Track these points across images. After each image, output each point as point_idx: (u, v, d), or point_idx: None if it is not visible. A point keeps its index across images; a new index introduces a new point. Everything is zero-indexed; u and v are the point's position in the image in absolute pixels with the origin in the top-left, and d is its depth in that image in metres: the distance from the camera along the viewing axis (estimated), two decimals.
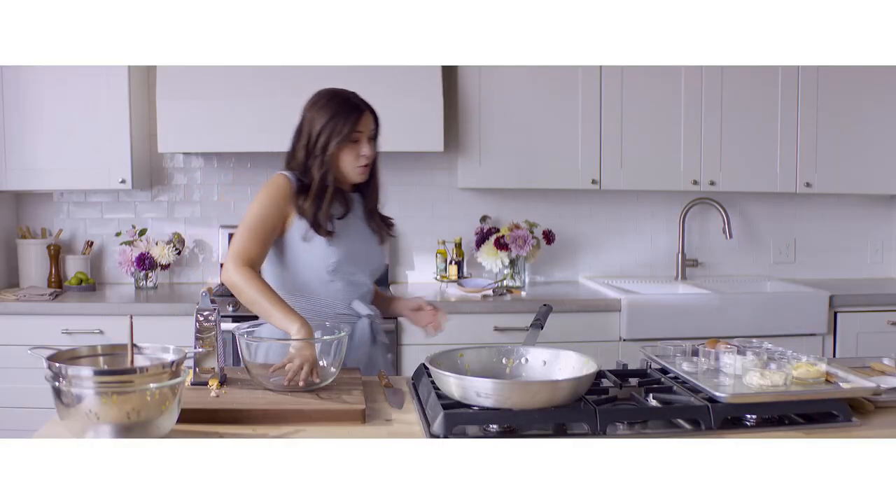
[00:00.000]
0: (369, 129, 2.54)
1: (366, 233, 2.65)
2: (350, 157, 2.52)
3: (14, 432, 3.61)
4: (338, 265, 2.54)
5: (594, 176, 4.14)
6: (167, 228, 4.37)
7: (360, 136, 2.51)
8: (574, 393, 1.92)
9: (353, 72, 3.76)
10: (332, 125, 2.49)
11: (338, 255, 2.53)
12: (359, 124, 2.51)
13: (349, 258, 2.55)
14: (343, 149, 2.51)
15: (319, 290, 2.56)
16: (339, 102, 2.52)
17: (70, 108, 3.92)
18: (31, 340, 3.53)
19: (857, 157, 4.32)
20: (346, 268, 2.56)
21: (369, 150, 2.53)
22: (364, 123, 2.52)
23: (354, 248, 2.57)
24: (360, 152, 2.52)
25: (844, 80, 4.27)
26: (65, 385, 1.70)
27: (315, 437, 1.88)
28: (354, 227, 2.60)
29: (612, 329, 3.85)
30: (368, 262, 2.64)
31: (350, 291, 2.59)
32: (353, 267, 2.58)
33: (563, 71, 4.08)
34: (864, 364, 2.48)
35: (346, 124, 2.49)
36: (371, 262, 2.65)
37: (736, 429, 1.95)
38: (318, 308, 2.56)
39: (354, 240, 2.58)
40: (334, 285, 2.56)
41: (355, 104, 2.53)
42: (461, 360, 2.16)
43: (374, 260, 2.67)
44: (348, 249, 2.55)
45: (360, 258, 2.60)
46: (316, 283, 2.56)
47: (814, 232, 4.74)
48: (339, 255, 2.53)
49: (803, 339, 3.93)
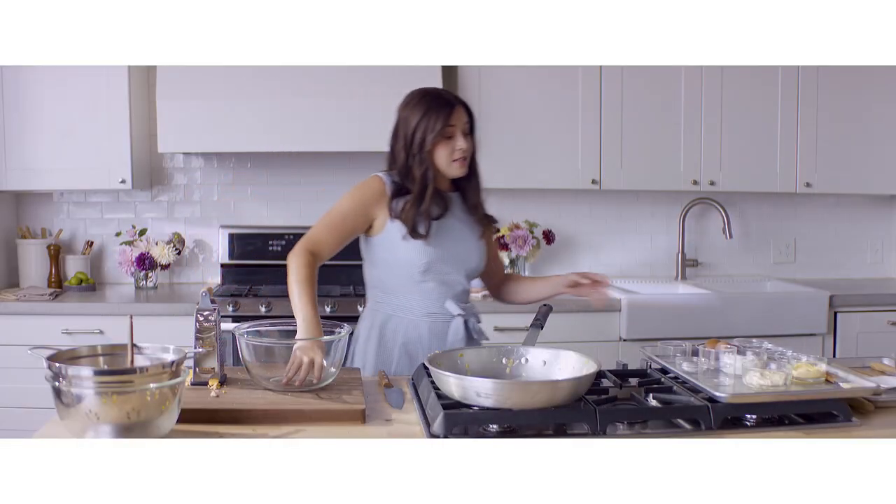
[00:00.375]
0: (462, 122, 2.54)
1: (463, 232, 2.63)
2: (445, 152, 2.53)
3: (14, 432, 3.61)
4: (429, 266, 2.55)
5: (594, 176, 4.14)
6: (167, 228, 4.37)
7: (453, 130, 2.52)
8: (574, 393, 1.92)
9: (353, 72, 3.77)
10: (426, 122, 2.50)
11: (429, 256, 2.55)
12: (451, 118, 2.51)
13: (443, 258, 2.57)
14: (438, 145, 2.52)
15: (412, 289, 2.59)
16: (431, 99, 2.53)
17: (70, 108, 3.92)
18: (31, 340, 3.53)
19: (857, 157, 4.32)
20: (439, 268, 2.57)
21: (464, 144, 2.53)
22: (457, 117, 2.52)
23: (448, 248, 2.58)
24: (455, 146, 2.53)
25: (844, 80, 4.27)
26: (65, 385, 1.70)
27: (315, 437, 1.88)
28: (450, 226, 2.60)
29: (612, 329, 3.85)
30: (463, 261, 2.62)
31: (443, 291, 2.60)
32: (448, 267, 2.59)
33: (563, 71, 4.08)
34: (864, 364, 2.48)
35: (438, 119, 2.50)
36: (467, 261, 2.63)
37: (736, 429, 1.95)
38: (411, 307, 2.60)
39: (449, 240, 2.58)
40: (426, 285, 2.58)
41: (446, 99, 2.54)
42: (461, 360, 2.16)
43: (470, 259, 2.64)
44: (442, 250, 2.56)
45: (455, 258, 2.60)
46: (408, 283, 2.59)
47: (814, 232, 4.74)
48: (431, 255, 2.55)
49: (803, 339, 3.93)
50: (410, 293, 2.59)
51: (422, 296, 2.59)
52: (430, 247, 2.54)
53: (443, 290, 2.60)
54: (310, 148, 3.93)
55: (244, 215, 4.41)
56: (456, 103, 2.54)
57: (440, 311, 2.59)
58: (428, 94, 2.56)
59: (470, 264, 2.65)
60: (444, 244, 2.57)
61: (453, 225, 2.61)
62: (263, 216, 4.42)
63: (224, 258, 4.28)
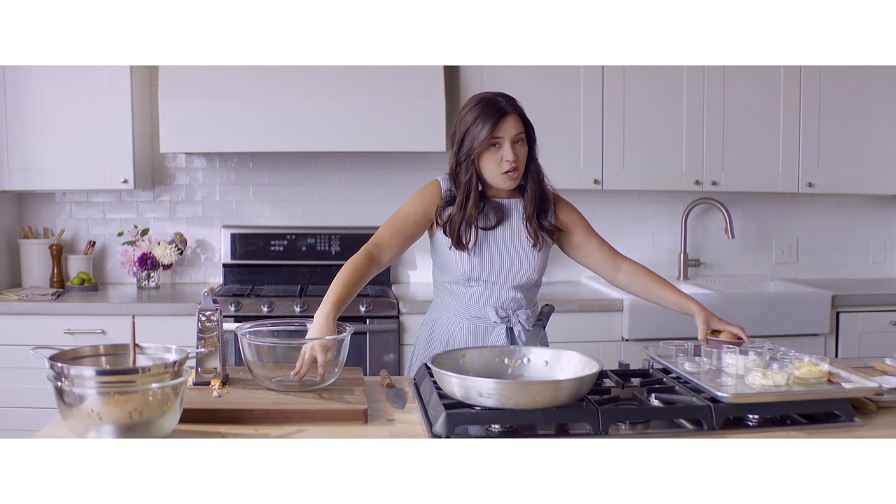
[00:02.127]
0: (512, 133, 2.48)
1: (516, 241, 2.60)
2: (492, 162, 2.50)
3: (16, 432, 3.62)
4: (471, 275, 2.57)
5: (596, 176, 4.14)
6: (169, 228, 4.37)
7: (500, 140, 2.48)
8: (576, 393, 1.92)
9: (355, 72, 3.78)
10: (475, 129, 2.48)
11: (472, 266, 2.56)
12: (498, 129, 2.46)
13: (487, 269, 2.57)
14: (485, 154, 2.50)
15: (459, 291, 2.62)
16: (483, 107, 2.49)
17: (72, 108, 3.92)
18: (33, 340, 3.54)
19: (859, 157, 4.32)
20: (484, 276, 2.57)
21: (511, 155, 2.47)
22: (505, 128, 2.47)
23: (494, 259, 2.57)
24: (502, 157, 2.49)
25: (847, 80, 4.27)
26: (67, 385, 1.70)
27: (317, 437, 1.88)
28: (501, 236, 2.58)
29: (614, 329, 3.85)
30: (510, 272, 2.58)
31: (488, 297, 2.60)
32: (494, 276, 2.58)
33: (565, 71, 4.08)
34: (867, 364, 2.48)
35: (485, 128, 2.45)
36: (514, 273, 2.59)
37: (738, 429, 1.95)
38: (456, 307, 2.63)
39: (497, 250, 2.57)
40: (472, 290, 2.60)
41: (498, 107, 2.48)
42: (463, 360, 2.16)
43: (519, 271, 2.59)
44: (486, 261, 2.56)
45: (500, 269, 2.58)
46: (455, 286, 2.62)
47: (816, 232, 4.74)
48: (474, 266, 2.56)
49: (805, 339, 3.93)
50: (457, 295, 2.62)
51: (467, 299, 2.61)
52: (475, 257, 2.55)
53: (487, 296, 2.60)
54: (312, 148, 3.93)
55: (246, 215, 4.41)
56: (509, 111, 2.48)
57: (482, 316, 2.60)
58: (482, 101, 2.51)
59: (519, 277, 2.60)
60: (491, 255, 2.57)
61: (505, 235, 2.59)
62: (265, 216, 4.42)
63: (226, 258, 4.28)
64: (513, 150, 2.48)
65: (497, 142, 2.48)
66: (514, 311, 2.61)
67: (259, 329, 2.32)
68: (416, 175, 4.36)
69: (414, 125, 3.86)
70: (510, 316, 2.60)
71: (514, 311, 2.61)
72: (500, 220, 2.58)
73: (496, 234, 2.58)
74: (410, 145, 3.90)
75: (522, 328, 2.60)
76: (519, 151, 2.50)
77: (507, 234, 2.59)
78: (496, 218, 2.58)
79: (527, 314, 2.62)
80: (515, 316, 2.60)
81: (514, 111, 2.50)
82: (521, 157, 2.52)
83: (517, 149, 2.50)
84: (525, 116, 2.54)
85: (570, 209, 2.73)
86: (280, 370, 2.18)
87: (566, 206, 2.73)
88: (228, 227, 4.30)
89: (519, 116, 2.51)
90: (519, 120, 2.51)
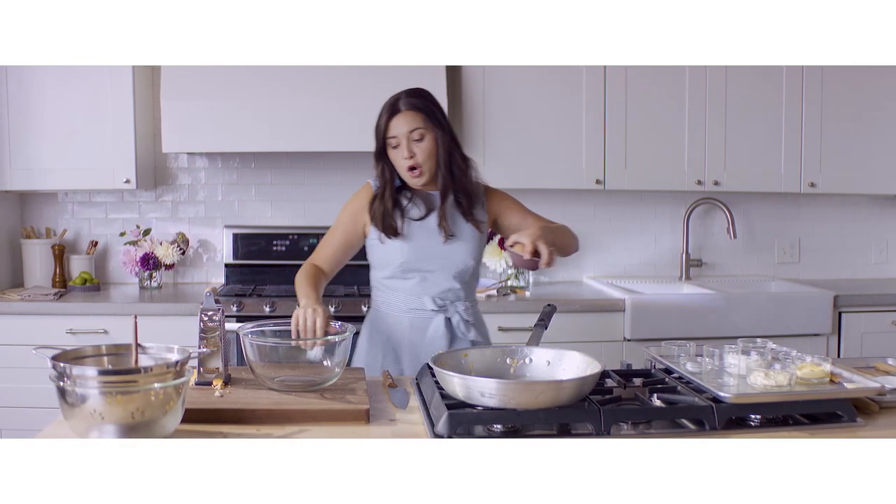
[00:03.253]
0: (404, 130, 2.50)
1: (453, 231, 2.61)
2: (397, 160, 2.55)
3: (18, 432, 3.62)
4: (406, 265, 2.59)
5: (598, 176, 4.14)
6: (171, 228, 4.37)
7: (395, 140, 2.51)
8: (578, 393, 1.92)
9: (357, 72, 3.77)
10: (376, 129, 2.55)
11: (407, 255, 2.58)
12: (389, 128, 2.51)
13: (423, 256, 2.59)
14: (390, 152, 2.55)
15: (395, 286, 2.63)
16: (384, 105, 2.54)
17: (74, 108, 3.92)
18: (35, 340, 3.53)
19: (861, 157, 4.32)
20: (420, 266, 2.59)
21: (407, 152, 2.50)
22: (397, 125, 2.50)
23: (430, 246, 2.59)
24: (401, 155, 2.52)
25: (849, 80, 4.27)
26: (69, 385, 1.70)
27: (319, 437, 1.88)
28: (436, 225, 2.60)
29: (617, 329, 3.85)
30: (447, 259, 2.61)
31: (425, 288, 2.61)
32: (430, 264, 2.60)
33: (567, 71, 4.08)
34: (869, 364, 2.48)
35: (379, 127, 2.53)
36: (451, 260, 2.61)
37: (740, 429, 1.95)
38: (394, 303, 2.65)
39: (431, 239, 2.59)
40: (408, 283, 2.62)
41: (390, 106, 2.52)
42: (465, 360, 2.16)
43: (454, 260, 2.61)
44: (422, 248, 2.58)
45: (436, 256, 2.60)
46: (391, 281, 2.63)
47: (818, 232, 4.74)
48: (408, 253, 2.58)
49: (808, 339, 3.93)
50: (395, 289, 2.64)
51: (405, 292, 2.62)
52: (409, 247, 2.57)
53: (425, 287, 2.61)
54: (314, 148, 3.93)
55: (248, 215, 4.41)
56: (402, 109, 2.50)
57: (420, 307, 2.62)
58: (388, 99, 2.55)
59: (455, 265, 2.62)
60: (424, 244, 2.59)
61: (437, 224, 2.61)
62: (267, 216, 4.42)
63: (228, 258, 4.28)
64: (410, 147, 2.50)
65: (394, 141, 2.51)
66: (453, 302, 2.63)
67: (261, 329, 2.32)
68: None
69: None
70: (447, 306, 2.62)
71: (452, 301, 2.63)
72: (430, 209, 2.60)
73: (428, 223, 2.60)
74: None
75: (461, 318, 2.62)
76: (418, 148, 2.51)
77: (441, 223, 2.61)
78: (426, 208, 2.60)
79: (465, 305, 2.65)
80: (454, 306, 2.62)
81: (408, 108, 2.50)
82: (423, 152, 2.52)
83: (415, 145, 2.51)
84: (424, 110, 2.52)
85: (501, 196, 2.75)
86: (282, 370, 2.18)
87: (496, 195, 2.74)
88: (230, 227, 4.30)
89: (416, 111, 2.50)
90: (416, 115, 2.50)
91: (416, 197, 2.62)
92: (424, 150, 2.52)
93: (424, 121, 2.52)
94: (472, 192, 2.65)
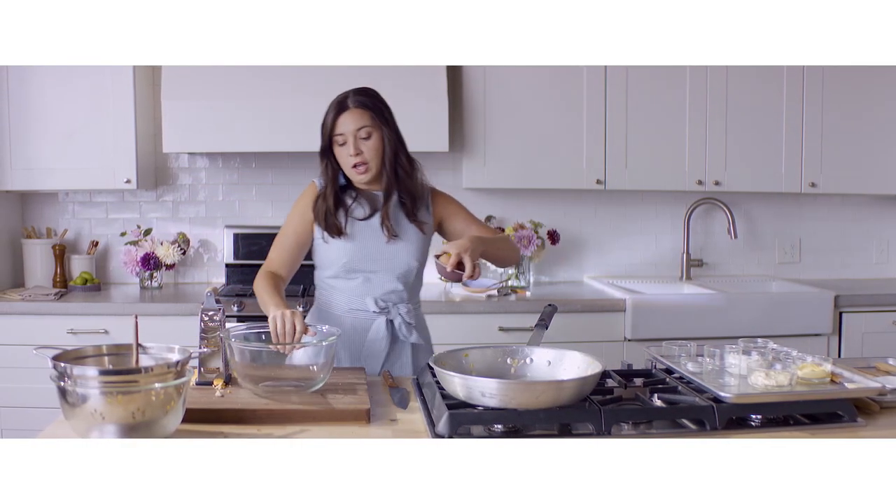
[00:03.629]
0: (352, 128, 2.49)
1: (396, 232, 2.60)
2: (342, 158, 2.54)
3: (19, 432, 3.63)
4: (351, 263, 2.57)
5: (599, 176, 4.14)
6: (172, 228, 4.37)
7: (341, 137, 2.50)
8: (579, 393, 1.92)
9: (358, 72, 3.76)
10: (322, 126, 2.54)
11: (350, 254, 2.57)
12: (336, 126, 2.50)
13: (366, 256, 2.57)
14: (335, 149, 2.54)
15: (342, 285, 2.62)
16: (332, 103, 2.54)
17: (75, 108, 3.92)
18: (36, 340, 3.54)
19: (862, 157, 4.32)
20: (363, 266, 2.58)
21: (353, 150, 2.49)
22: (344, 123, 2.49)
23: (373, 246, 2.58)
24: (347, 152, 2.51)
25: (849, 79, 4.27)
26: (70, 385, 1.70)
27: (320, 437, 1.88)
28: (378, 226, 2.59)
29: (617, 329, 3.85)
30: (390, 260, 2.60)
31: (368, 289, 2.60)
32: (373, 265, 2.59)
33: (568, 71, 4.08)
34: (870, 364, 2.48)
35: (325, 124, 2.52)
36: (394, 261, 2.60)
37: (741, 429, 1.95)
38: (337, 303, 2.63)
39: (375, 239, 2.58)
40: (353, 282, 2.60)
41: (338, 104, 2.51)
42: (466, 360, 2.16)
43: (398, 258, 2.60)
44: (365, 248, 2.57)
45: (380, 256, 2.59)
46: (334, 281, 2.62)
47: (819, 232, 4.74)
48: (351, 253, 2.57)
49: (808, 339, 3.93)
50: (338, 289, 2.63)
51: (348, 292, 2.61)
52: (353, 246, 2.57)
53: (368, 288, 2.60)
54: (314, 148, 3.89)
55: (249, 215, 4.41)
56: (349, 106, 2.49)
57: (363, 309, 2.60)
58: (336, 97, 2.54)
59: (398, 266, 2.61)
60: (368, 244, 2.58)
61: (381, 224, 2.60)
62: (268, 216, 4.42)
63: (229, 258, 4.28)
64: (356, 145, 2.50)
65: (341, 138, 2.50)
66: (395, 304, 2.62)
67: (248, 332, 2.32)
68: None
69: (416, 125, 3.83)
70: (390, 308, 2.61)
71: (395, 303, 2.62)
72: (374, 209, 2.59)
73: (372, 223, 2.59)
74: (413, 145, 3.84)
75: (403, 321, 2.61)
76: (364, 146, 2.51)
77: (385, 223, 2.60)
78: (370, 208, 2.59)
79: (408, 308, 2.63)
80: (396, 308, 2.61)
81: (356, 105, 2.49)
82: (370, 150, 2.52)
83: (362, 143, 2.51)
84: (371, 108, 2.51)
85: (447, 201, 2.74)
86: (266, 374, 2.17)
87: (442, 198, 2.73)
88: (231, 227, 4.30)
89: (363, 109, 2.50)
90: (363, 113, 2.50)
91: (361, 196, 2.60)
92: (371, 148, 2.52)
93: (372, 119, 2.51)
94: (417, 193, 2.63)
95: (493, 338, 3.73)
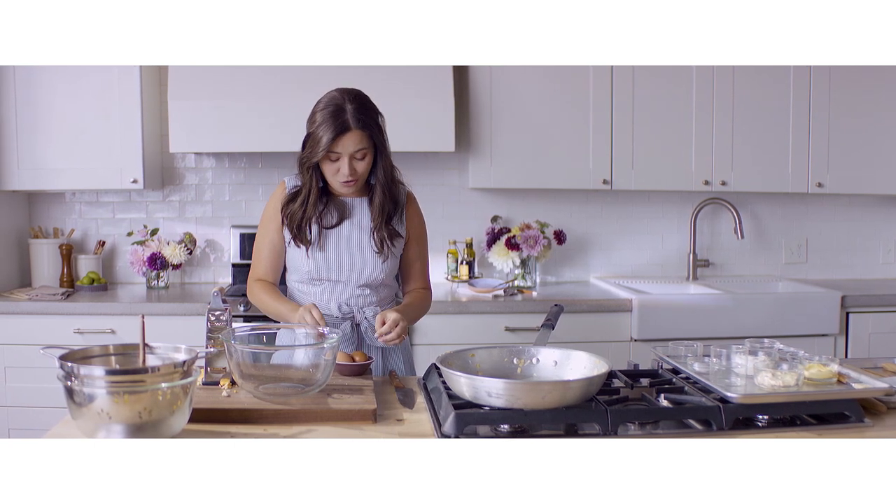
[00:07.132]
0: (351, 149, 2.43)
1: (361, 240, 2.58)
2: (330, 172, 2.49)
3: (26, 432, 3.63)
4: (315, 273, 2.57)
5: (605, 176, 4.14)
6: (178, 228, 4.38)
7: (337, 155, 2.44)
8: (585, 393, 1.92)
9: (364, 71, 3.77)
10: (315, 137, 2.44)
11: (315, 264, 2.56)
12: (336, 144, 2.41)
13: (331, 266, 2.57)
14: (324, 162, 2.47)
15: (308, 290, 2.62)
16: (329, 114, 2.41)
17: (82, 108, 3.93)
18: (43, 340, 3.55)
19: (869, 157, 4.31)
20: (328, 275, 2.58)
21: (348, 170, 2.44)
22: (344, 144, 2.41)
23: (339, 257, 2.57)
24: (339, 169, 2.46)
25: (856, 79, 4.26)
26: (77, 384, 1.70)
27: (326, 437, 1.88)
28: (348, 234, 2.57)
29: (624, 329, 3.84)
30: (356, 270, 2.58)
31: (332, 294, 2.60)
32: (338, 275, 2.58)
33: (575, 71, 4.08)
34: (876, 365, 2.48)
35: (323, 139, 2.40)
36: (360, 272, 2.58)
37: (747, 429, 1.94)
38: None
39: (342, 248, 2.57)
40: (318, 288, 2.60)
41: (341, 121, 2.40)
42: (472, 360, 2.16)
43: (363, 270, 2.58)
44: (331, 258, 2.56)
45: (345, 267, 2.57)
46: (303, 285, 2.63)
47: (825, 232, 4.73)
48: (317, 262, 2.56)
49: (815, 339, 3.92)
50: (305, 293, 2.63)
51: (313, 297, 2.60)
52: (318, 255, 2.56)
53: (333, 293, 2.60)
54: None
55: (255, 215, 4.41)
56: (351, 127, 2.40)
57: (328, 313, 2.58)
58: (332, 106, 2.43)
59: (363, 276, 2.58)
60: (334, 254, 2.57)
61: (349, 233, 2.58)
62: None
63: (235, 258, 4.29)
64: (351, 165, 2.45)
65: (335, 156, 2.45)
66: (361, 308, 2.60)
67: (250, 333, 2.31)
68: (425, 175, 4.37)
69: (422, 125, 3.86)
70: (355, 312, 2.59)
71: (361, 307, 2.60)
72: (342, 217, 2.56)
73: (340, 232, 2.57)
74: (419, 145, 3.91)
75: (370, 324, 2.58)
76: (359, 166, 2.47)
77: (352, 231, 2.58)
78: (338, 216, 2.56)
79: (375, 311, 2.59)
80: (361, 312, 2.60)
81: (357, 126, 2.41)
82: (363, 167, 2.48)
83: (356, 164, 2.46)
84: (372, 129, 2.45)
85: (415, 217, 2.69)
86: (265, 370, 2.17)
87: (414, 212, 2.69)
88: (237, 227, 4.31)
89: (363, 130, 2.42)
90: (362, 135, 2.43)
91: (332, 203, 2.57)
92: (363, 166, 2.48)
93: (370, 140, 2.46)
94: (397, 203, 2.62)
95: (499, 338, 3.73)
